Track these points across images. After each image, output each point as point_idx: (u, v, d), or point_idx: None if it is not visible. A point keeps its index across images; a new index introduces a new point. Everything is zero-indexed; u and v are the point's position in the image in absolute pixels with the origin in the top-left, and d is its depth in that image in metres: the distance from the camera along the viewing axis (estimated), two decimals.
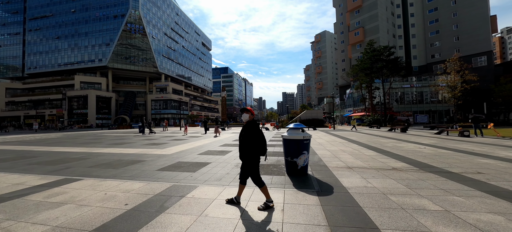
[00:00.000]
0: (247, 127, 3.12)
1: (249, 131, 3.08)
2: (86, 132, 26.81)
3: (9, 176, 4.94)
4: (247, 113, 3.20)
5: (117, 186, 4.16)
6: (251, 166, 3.05)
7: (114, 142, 12.55)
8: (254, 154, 3.04)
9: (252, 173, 3.07)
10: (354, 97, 51.48)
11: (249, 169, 3.07)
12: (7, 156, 7.87)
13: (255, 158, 3.05)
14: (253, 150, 3.03)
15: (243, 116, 3.24)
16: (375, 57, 32.41)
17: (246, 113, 3.20)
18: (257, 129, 3.11)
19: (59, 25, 61.00)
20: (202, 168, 5.70)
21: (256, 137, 3.05)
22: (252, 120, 3.19)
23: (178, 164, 6.25)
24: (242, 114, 3.25)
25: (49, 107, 56.75)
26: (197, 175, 4.96)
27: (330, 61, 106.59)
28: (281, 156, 7.46)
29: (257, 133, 3.07)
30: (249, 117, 3.19)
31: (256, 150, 3.04)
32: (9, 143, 13.20)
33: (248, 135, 3.05)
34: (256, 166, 3.08)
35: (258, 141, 3.05)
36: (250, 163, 3.05)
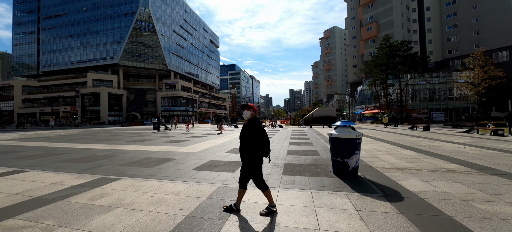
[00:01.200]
0: (249, 125, 2.81)
1: (251, 130, 2.77)
2: (100, 128, 27.14)
3: (44, 175, 4.76)
4: (248, 110, 2.88)
5: (160, 187, 3.87)
6: (253, 168, 2.75)
7: (134, 139, 12.45)
8: (257, 155, 2.74)
9: (254, 176, 2.77)
10: (366, 94, 50.16)
11: (251, 172, 2.76)
12: (35, 153, 7.79)
13: (258, 160, 2.76)
14: (256, 151, 2.73)
15: (244, 113, 2.92)
16: (391, 53, 31.19)
17: (248, 110, 2.88)
18: (260, 128, 2.80)
19: (71, 24, 62.14)
20: (239, 167, 5.37)
21: (259, 136, 2.75)
22: (254, 118, 2.88)
23: (211, 163, 5.95)
24: (243, 111, 2.93)
25: (63, 104, 58.11)
26: (238, 175, 4.61)
27: (339, 57, 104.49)
28: (314, 155, 7.06)
29: (260, 132, 2.77)
30: (251, 115, 2.88)
31: (259, 151, 2.75)
32: (32, 139, 13.33)
33: (250, 135, 2.75)
34: (259, 169, 2.79)
35: (261, 141, 2.75)
36: (253, 165, 2.75)
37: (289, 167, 5.35)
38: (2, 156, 7.31)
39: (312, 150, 8.03)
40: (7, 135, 16.69)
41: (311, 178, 4.41)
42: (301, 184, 4.06)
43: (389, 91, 36.43)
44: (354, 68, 64.20)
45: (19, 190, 3.74)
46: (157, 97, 64.34)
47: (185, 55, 75.09)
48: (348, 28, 67.16)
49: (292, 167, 5.42)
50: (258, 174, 2.78)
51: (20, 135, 17.11)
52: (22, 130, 25.69)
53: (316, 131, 18.42)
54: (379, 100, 38.58)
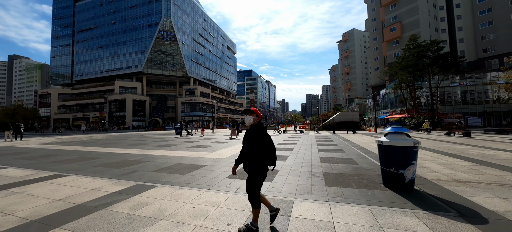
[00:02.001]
0: (252, 131, 2.53)
1: (254, 136, 2.49)
2: (126, 133, 28.41)
3: (83, 180, 4.80)
4: (251, 115, 2.62)
5: (198, 197, 3.66)
6: (256, 179, 2.44)
7: (160, 144, 12.67)
8: (261, 164, 2.45)
9: (253, 188, 2.44)
10: (391, 98, 47.51)
11: (252, 182, 2.44)
12: (72, 157, 8.11)
13: (263, 170, 2.47)
14: (261, 159, 2.45)
15: (246, 119, 2.65)
16: (420, 53, 29.19)
17: (250, 115, 2.62)
18: (264, 134, 2.51)
19: (101, 36, 66.95)
20: (275, 176, 5.04)
21: (264, 143, 2.47)
22: (257, 124, 2.60)
23: (243, 171, 5.67)
24: (246, 116, 2.66)
25: (93, 110, 62.22)
26: (278, 186, 4.29)
27: (359, 60, 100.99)
28: (350, 163, 6.51)
29: (265, 139, 2.49)
30: (254, 120, 2.62)
31: (264, 160, 2.46)
32: (67, 143, 14.15)
33: (254, 142, 2.47)
34: (261, 180, 2.47)
35: (266, 148, 2.47)
36: (256, 175, 2.44)
37: (330, 177, 4.91)
38: (44, 159, 7.68)
39: (347, 158, 7.47)
40: (46, 139, 17.96)
41: (360, 191, 3.94)
42: (351, 197, 3.62)
43: (417, 94, 34.08)
44: (376, 70, 61.44)
45: (62, 196, 3.73)
46: (177, 103, 66.53)
47: (203, 62, 77.22)
48: (368, 29, 64.78)
49: (333, 177, 4.97)
50: (258, 187, 2.46)
51: (57, 139, 18.34)
52: (58, 134, 27.67)
53: (341, 137, 17.55)
54: (405, 104, 36.24)
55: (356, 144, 11.91)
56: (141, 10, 63.63)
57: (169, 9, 62.46)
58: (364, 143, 12.64)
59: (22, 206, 3.28)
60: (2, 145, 13.38)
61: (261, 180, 2.47)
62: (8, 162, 7.26)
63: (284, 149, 10.13)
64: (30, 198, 3.63)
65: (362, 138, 16.05)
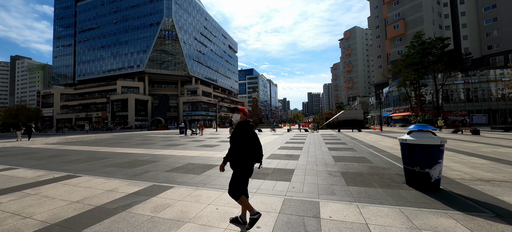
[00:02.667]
0: (239, 129, 2.57)
1: (241, 134, 2.52)
2: (130, 133, 28.39)
3: (96, 180, 4.70)
4: (238, 113, 2.67)
5: (219, 198, 3.55)
6: (241, 175, 2.48)
7: (166, 144, 12.58)
8: (247, 162, 2.49)
9: (236, 183, 2.48)
10: (394, 96, 47.20)
11: (236, 179, 2.48)
12: (81, 157, 8.04)
13: (248, 166, 2.50)
14: (246, 157, 2.49)
15: (233, 117, 2.70)
16: (425, 51, 28.86)
17: (237, 113, 2.67)
18: (251, 132, 2.56)
19: (103, 36, 66.94)
20: (292, 176, 4.91)
21: (250, 140, 2.52)
22: (244, 121, 2.63)
23: (260, 170, 5.55)
24: (233, 114, 2.71)
25: (95, 110, 62.34)
26: (298, 186, 4.17)
27: (361, 58, 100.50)
28: (365, 162, 6.37)
29: (251, 136, 2.53)
30: (241, 118, 2.66)
31: (250, 157, 2.51)
32: (73, 143, 14.09)
33: (240, 139, 2.50)
34: (246, 177, 2.53)
35: (252, 145, 2.52)
36: (241, 172, 2.49)
37: (349, 177, 4.78)
38: (53, 159, 7.60)
39: (360, 156, 7.33)
40: (51, 139, 17.95)
41: (385, 191, 3.82)
42: (377, 197, 3.50)
43: (421, 92, 33.80)
44: (379, 68, 61.04)
45: (79, 197, 3.63)
46: (179, 102, 66.51)
47: (205, 61, 77.10)
48: (371, 27, 64.31)
49: (352, 176, 4.84)
50: (242, 183, 2.50)
51: (62, 139, 18.31)
52: (62, 134, 27.70)
53: (347, 135, 17.39)
54: (410, 102, 35.95)
55: (365, 143, 11.76)
56: (143, 9, 63.54)
57: (171, 8, 62.32)
58: (373, 141, 12.48)
59: (39, 208, 3.18)
60: (9, 145, 13.36)
61: (246, 177, 2.50)
62: (18, 162, 7.19)
63: (294, 147, 10.00)
64: (46, 200, 3.53)
65: (369, 137, 15.88)
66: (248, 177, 2.54)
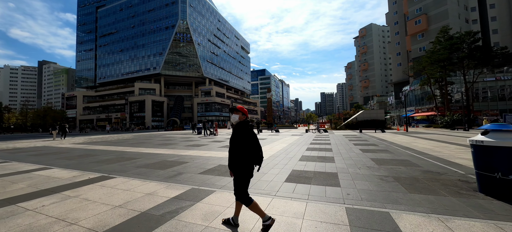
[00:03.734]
0: (237, 130, 2.47)
1: (240, 134, 2.42)
2: (149, 133, 28.99)
3: (132, 182, 4.52)
4: (236, 113, 2.56)
5: (271, 206, 3.20)
6: (241, 178, 2.40)
7: (188, 144, 12.50)
8: (246, 163, 2.39)
9: (239, 187, 2.41)
10: (416, 95, 44.82)
11: (237, 182, 2.42)
12: (110, 157, 8.05)
13: (248, 169, 2.41)
14: (246, 158, 2.38)
15: (232, 118, 2.59)
16: (454, 46, 26.99)
17: (236, 114, 2.56)
18: (250, 132, 2.46)
19: (122, 40, 69.56)
20: (339, 180, 4.46)
21: (249, 141, 2.41)
22: (243, 121, 2.53)
23: (298, 174, 5.16)
24: (232, 114, 2.60)
25: (115, 111, 64.78)
26: (354, 193, 3.71)
27: (377, 56, 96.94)
28: (413, 165, 5.75)
29: (251, 137, 2.43)
30: (240, 118, 2.55)
31: (249, 159, 2.40)
32: (99, 143, 14.44)
33: (239, 140, 2.41)
34: (246, 179, 2.42)
35: (251, 147, 2.42)
36: (241, 174, 2.40)
37: (405, 182, 4.24)
38: (84, 159, 7.65)
39: (403, 159, 6.69)
40: (77, 139, 18.61)
41: (459, 200, 3.28)
42: (456, 208, 2.98)
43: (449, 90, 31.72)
44: (398, 66, 58.41)
45: (120, 201, 3.43)
46: (193, 103, 67.53)
47: (218, 62, 77.81)
48: (389, 23, 61.69)
49: (408, 181, 4.29)
50: (244, 185, 2.41)
51: (87, 139, 18.94)
52: (85, 134, 28.85)
53: (372, 136, 16.49)
54: (435, 101, 33.87)
55: (397, 144, 10.97)
56: (159, 13, 65.26)
57: (185, 11, 63.49)
58: (405, 142, 11.63)
59: (82, 213, 2.98)
60: (40, 144, 13.92)
61: (247, 179, 2.41)
62: (51, 162, 7.29)
63: (322, 149, 9.47)
64: (88, 203, 3.35)
65: (397, 138, 14.92)
66: (249, 179, 2.44)
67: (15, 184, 4.46)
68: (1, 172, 5.66)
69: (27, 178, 5.01)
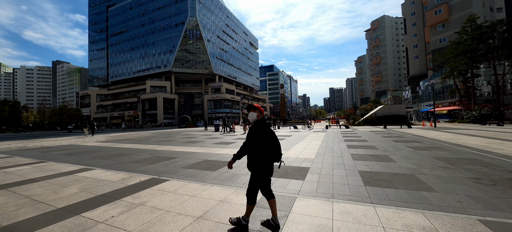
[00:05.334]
0: (255, 128, 2.42)
1: (258, 133, 2.37)
2: (164, 130, 28.93)
3: (192, 186, 4.06)
4: (254, 111, 2.51)
5: (383, 214, 2.63)
6: (260, 177, 2.36)
7: (216, 142, 12.09)
8: (266, 161, 2.34)
9: (264, 185, 2.38)
10: (436, 89, 42.86)
11: (259, 180, 2.36)
12: (144, 156, 7.70)
13: (269, 167, 2.37)
14: (266, 156, 2.34)
15: (249, 115, 2.53)
16: (484, 35, 25.33)
17: (254, 112, 2.51)
18: (269, 130, 2.41)
19: (132, 38, 70.12)
20: (425, 183, 3.83)
21: (269, 139, 2.36)
22: (261, 120, 2.49)
23: (373, 175, 4.56)
24: (249, 112, 2.54)
25: (127, 109, 65.73)
26: (464, 199, 3.09)
27: (390, 49, 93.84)
28: (490, 167, 5.03)
29: (270, 135, 2.39)
30: (257, 116, 2.51)
31: (269, 156, 2.36)
32: (123, 141, 14.26)
33: (258, 139, 2.36)
34: (266, 177, 2.37)
35: (271, 144, 2.37)
36: (261, 173, 2.35)
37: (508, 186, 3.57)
38: (120, 159, 7.32)
39: (474, 159, 5.95)
40: (97, 137, 18.63)
41: None
42: None
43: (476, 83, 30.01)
44: (415, 59, 56.15)
45: (197, 211, 2.95)
46: (203, 100, 67.54)
47: (227, 58, 77.37)
48: (405, 14, 59.22)
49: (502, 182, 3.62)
50: (268, 182, 2.43)
51: (108, 136, 18.94)
52: (102, 132, 29.12)
53: (404, 132, 15.58)
54: (459, 94, 32.17)
55: (442, 141, 10.12)
56: (168, 10, 65.20)
57: (195, 8, 63.14)
58: (450, 139, 10.75)
59: (166, 227, 2.52)
60: (65, 143, 13.88)
61: (266, 177, 2.39)
62: (87, 161, 6.99)
63: (363, 146, 8.77)
64: (162, 214, 2.89)
65: (434, 133, 13.98)
66: (270, 177, 2.44)
67: (65, 189, 4.09)
68: (44, 174, 5.36)
69: (74, 181, 4.65)
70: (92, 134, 21.15)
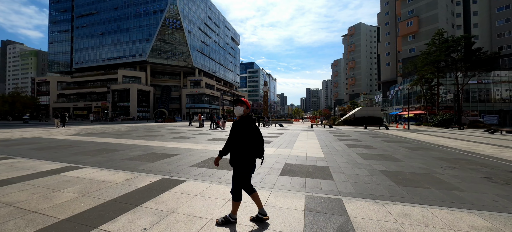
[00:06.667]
0: (241, 123, 2.39)
1: (243, 128, 2.36)
2: (141, 124, 26.85)
3: (221, 188, 3.59)
4: (241, 105, 2.46)
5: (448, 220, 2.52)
6: (243, 173, 2.36)
7: (208, 138, 11.42)
8: (250, 157, 2.35)
9: (238, 181, 2.38)
10: (405, 94, 46.82)
11: (238, 176, 2.37)
12: (138, 153, 6.83)
13: (251, 162, 2.38)
14: (249, 152, 2.35)
15: (236, 109, 2.48)
16: (450, 48, 28.22)
17: (241, 106, 2.46)
18: (254, 126, 2.42)
19: (103, 22, 63.87)
20: (461, 185, 3.91)
21: (254, 136, 2.38)
22: (247, 115, 2.46)
23: (397, 174, 4.54)
24: (235, 106, 2.50)
25: (94, 99, 59.91)
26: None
27: (365, 55, 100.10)
28: (492, 168, 5.43)
29: (254, 131, 2.40)
30: (244, 111, 2.46)
31: (252, 152, 2.37)
32: (98, 135, 12.73)
33: (243, 133, 2.34)
34: (248, 174, 2.39)
35: (255, 140, 2.39)
36: (244, 169, 2.35)
37: None
38: (111, 155, 6.38)
39: (468, 159, 6.39)
40: (66, 130, 16.47)
41: None
42: None
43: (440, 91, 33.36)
44: (387, 66, 60.58)
45: (246, 219, 2.54)
46: (181, 94, 64.63)
47: (208, 52, 75.01)
48: (380, 24, 63.45)
49: None
50: (244, 180, 2.38)
51: (79, 129, 16.85)
52: (68, 125, 25.98)
53: (386, 133, 16.55)
54: (425, 100, 35.51)
55: (424, 141, 10.88)
56: None
57: None
58: (431, 140, 11.62)
59: None
60: (27, 135, 11.93)
61: (248, 173, 2.38)
62: (69, 158, 5.95)
63: (362, 145, 8.96)
64: (206, 223, 2.42)
65: (413, 135, 15.06)
66: (251, 173, 2.41)
67: (58, 193, 3.32)
68: (18, 173, 4.37)
69: (64, 182, 3.83)
70: (63, 126, 19.87)
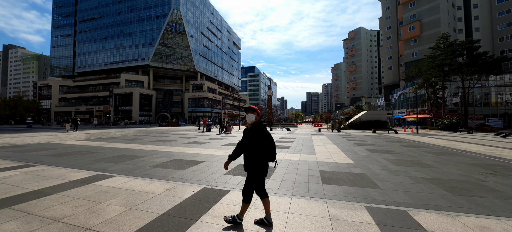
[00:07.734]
0: (253, 130, 2.51)
1: (256, 135, 2.47)
2: (144, 128, 26.62)
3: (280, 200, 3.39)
4: (253, 113, 2.58)
5: None
6: (257, 177, 2.45)
7: (223, 143, 11.22)
8: (263, 161, 2.46)
9: (250, 185, 2.47)
10: (408, 98, 46.78)
11: (252, 180, 2.45)
12: (162, 160, 6.62)
13: (265, 166, 2.48)
14: (262, 156, 2.45)
15: (247, 117, 2.60)
16: (455, 52, 28.26)
17: (252, 113, 2.58)
18: (265, 132, 2.53)
19: (106, 26, 64.12)
20: None
21: (265, 140, 2.48)
22: (258, 122, 2.58)
23: (442, 181, 4.35)
24: (247, 114, 2.61)
25: (96, 103, 59.72)
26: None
27: (365, 59, 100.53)
28: None
29: (266, 137, 2.51)
30: (256, 118, 2.58)
31: (265, 156, 2.47)
32: (109, 140, 12.52)
33: (256, 139, 2.45)
34: (262, 177, 2.47)
35: (268, 145, 2.49)
36: (258, 173, 2.44)
37: None
38: (135, 162, 6.18)
39: (503, 165, 6.21)
40: (75, 135, 16.24)
41: None
42: None
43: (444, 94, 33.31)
44: (389, 69, 60.72)
45: None
46: (184, 98, 64.52)
47: (210, 56, 75.21)
48: (382, 28, 63.81)
49: None
50: (256, 184, 2.48)
51: (85, 134, 16.62)
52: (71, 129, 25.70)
53: (399, 137, 16.36)
54: (430, 103, 35.43)
55: (442, 146, 10.70)
56: (149, 0, 61.07)
57: (179, 1, 60.11)
58: (449, 145, 11.43)
59: None
60: (37, 141, 11.71)
61: (262, 177, 2.47)
62: (93, 166, 5.75)
63: (383, 151, 8.76)
64: None
65: (427, 139, 14.87)
66: (264, 177, 2.51)
67: (102, 205, 3.11)
68: (48, 183, 4.16)
69: (102, 193, 3.63)
70: (75, 130, 19.67)
